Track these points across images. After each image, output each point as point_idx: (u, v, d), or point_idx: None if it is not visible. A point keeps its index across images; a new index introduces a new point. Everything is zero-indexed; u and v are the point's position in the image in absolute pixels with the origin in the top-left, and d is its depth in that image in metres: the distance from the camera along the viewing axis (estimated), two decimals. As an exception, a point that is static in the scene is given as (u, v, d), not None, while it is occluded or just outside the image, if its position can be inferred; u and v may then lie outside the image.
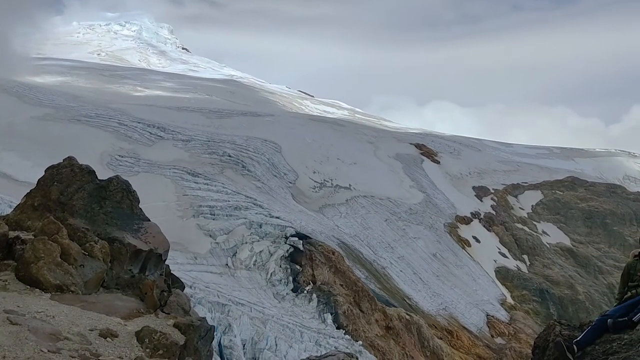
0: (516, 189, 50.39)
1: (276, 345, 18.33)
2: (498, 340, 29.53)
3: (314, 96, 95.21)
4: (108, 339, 5.46)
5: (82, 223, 8.22)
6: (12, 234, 7.46)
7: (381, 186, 39.70)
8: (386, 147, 48.35)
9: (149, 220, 9.43)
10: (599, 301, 36.86)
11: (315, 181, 35.95)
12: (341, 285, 23.47)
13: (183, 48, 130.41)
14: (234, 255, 22.77)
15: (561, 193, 50.77)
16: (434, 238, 36.41)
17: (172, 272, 10.00)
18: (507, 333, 30.36)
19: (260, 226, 24.61)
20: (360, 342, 20.89)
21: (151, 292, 7.54)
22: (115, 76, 60.09)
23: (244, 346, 17.89)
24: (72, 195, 8.54)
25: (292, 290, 22.32)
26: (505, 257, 39.27)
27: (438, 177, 46.53)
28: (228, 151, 32.90)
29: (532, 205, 48.75)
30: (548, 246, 42.92)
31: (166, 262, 9.22)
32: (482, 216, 42.86)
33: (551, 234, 45.06)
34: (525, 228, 44.16)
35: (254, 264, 22.67)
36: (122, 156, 28.98)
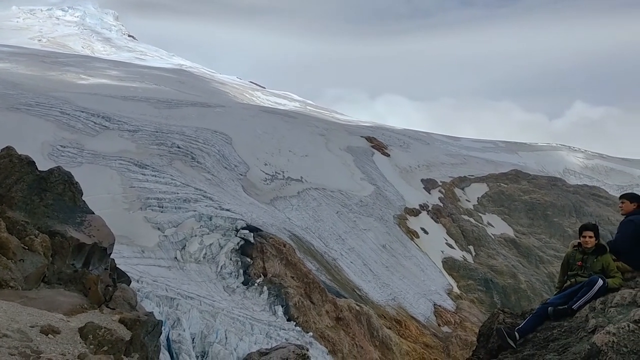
0: (463, 182, 51.76)
1: (226, 338, 18.19)
2: (445, 329, 30.33)
3: (266, 87, 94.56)
4: (50, 336, 5.27)
5: (22, 216, 7.88)
6: (-56, 228, 7.10)
7: (332, 178, 39.92)
8: (337, 140, 48.61)
9: (93, 213, 9.15)
10: (540, 290, 38.42)
11: (266, 173, 35.76)
12: (292, 277, 23.50)
13: (129, 35, 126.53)
14: (183, 248, 22.38)
15: (505, 186, 52.51)
16: (384, 230, 36.97)
17: (118, 266, 9.74)
18: (454, 322, 31.22)
19: (210, 219, 24.28)
20: (310, 334, 21.01)
21: (95, 287, 7.33)
22: (57, 63, 57.67)
23: (194, 340, 17.67)
24: (11, 187, 8.19)
25: (243, 283, 22.17)
26: (452, 248, 40.31)
27: (388, 170, 47.21)
28: (177, 142, 32.23)
29: (478, 197, 50.21)
30: (492, 237, 44.34)
31: (111, 256, 8.98)
32: (430, 208, 43.82)
33: (495, 225, 46.56)
34: (471, 219, 45.45)
35: (204, 257, 22.36)
36: (65, 146, 27.89)
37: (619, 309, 6.69)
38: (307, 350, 9.56)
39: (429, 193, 46.71)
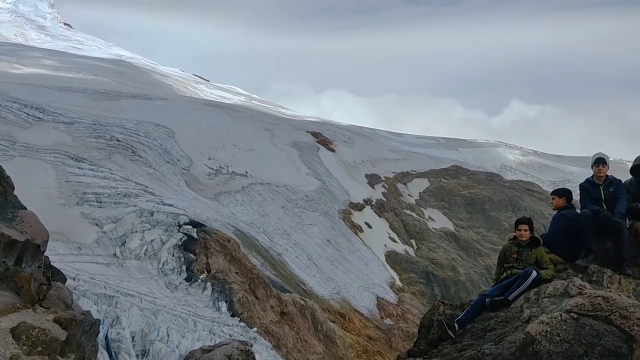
0: (405, 177, 52.82)
1: (168, 335, 17.81)
2: (387, 321, 30.90)
3: (209, 81, 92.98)
4: (-23, 339, 4.99)
5: (-55, 212, 7.44)
6: None
7: (278, 173, 39.79)
8: (283, 135, 48.48)
9: (26, 208, 8.75)
10: (478, 282, 39.78)
11: (210, 168, 35.21)
12: (236, 272, 23.28)
13: (65, 24, 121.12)
14: (123, 244, 21.69)
15: (446, 181, 53.98)
16: (329, 224, 37.22)
17: (53, 264, 9.35)
18: (396, 314, 31.86)
19: (151, 214, 23.65)
20: (255, 329, 20.89)
21: (28, 286, 7.01)
22: (-14, 50, 54.51)
23: (134, 339, 17.20)
24: None
25: (186, 279, 21.76)
26: (394, 242, 41.08)
27: (333, 165, 47.54)
28: (116, 135, 31.19)
29: (420, 192, 51.38)
30: (433, 231, 45.51)
31: (46, 254, 8.61)
32: (374, 203, 44.47)
33: (436, 220, 47.81)
34: (413, 214, 46.45)
35: (145, 254, 21.77)
36: (-5, 138, 26.43)
37: (552, 299, 7.01)
38: (251, 346, 9.50)
39: (373, 188, 47.38)
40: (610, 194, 8.58)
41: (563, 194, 9.08)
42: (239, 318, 21.01)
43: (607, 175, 8.79)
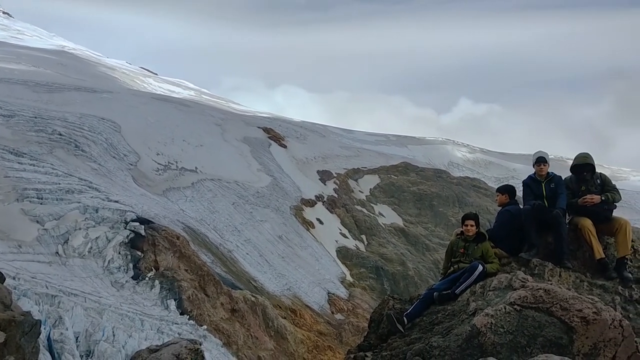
0: (356, 173, 53.30)
1: (114, 335, 17.33)
2: (338, 316, 31.15)
3: (158, 74, 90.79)
4: None
5: None
6: None
7: (229, 169, 39.34)
8: (234, 130, 47.95)
9: (-41, 204, 8.31)
10: (426, 276, 40.64)
11: (159, 163, 34.41)
12: (186, 270, 22.89)
13: (4, 12, 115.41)
14: (66, 242, 20.91)
15: (396, 177, 54.82)
16: (280, 220, 37.12)
17: (-11, 263, 8.92)
18: (346, 309, 32.15)
19: (96, 211, 22.91)
20: (204, 327, 20.62)
21: (-39, 287, 6.65)
22: None
23: (77, 339, 16.65)
24: None
25: (133, 277, 21.20)
26: (345, 238, 41.42)
27: (285, 161, 47.42)
28: (59, 129, 29.99)
29: (370, 188, 51.98)
30: (383, 226, 46.15)
31: (-19, 252, 8.20)
32: (326, 199, 44.67)
33: (386, 215, 48.50)
34: (364, 210, 46.95)
35: (89, 252, 21.07)
36: None
37: (497, 292, 7.22)
38: (200, 344, 9.36)
39: (325, 184, 47.58)
40: (551, 190, 8.92)
41: (506, 191, 9.41)
42: (189, 316, 20.68)
43: (549, 172, 9.14)
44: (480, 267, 7.96)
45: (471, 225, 8.61)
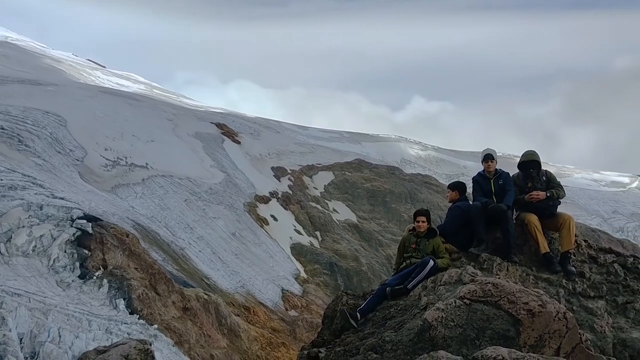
0: (311, 170, 53.34)
1: (60, 336, 16.74)
2: (292, 312, 31.12)
3: (106, 67, 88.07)
4: None
5: None
6: None
7: (180, 165, 38.60)
8: (186, 125, 47.09)
9: None
10: (379, 271, 41.12)
11: (107, 159, 33.40)
12: (136, 268, 22.33)
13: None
14: (9, 240, 20.05)
15: (349, 174, 55.19)
16: (234, 217, 36.72)
17: None
18: (300, 305, 32.16)
19: (40, 208, 22.04)
20: (155, 326, 20.18)
21: None
22: None
23: (22, 340, 16.01)
24: None
25: (79, 276, 20.53)
26: (300, 234, 41.40)
27: (238, 157, 46.92)
28: (0, 123, 28.68)
29: (325, 185, 52.13)
30: (337, 223, 46.40)
31: None
32: (280, 195, 44.51)
33: (340, 212, 48.76)
34: (318, 206, 47.06)
35: (33, 250, 20.26)
36: None
37: (447, 287, 7.36)
38: (151, 344, 9.14)
39: (279, 181, 47.38)
40: (499, 187, 9.18)
41: (457, 187, 9.64)
42: (138, 315, 20.19)
43: (497, 169, 9.40)
44: (431, 262, 8.10)
45: (423, 221, 8.75)
